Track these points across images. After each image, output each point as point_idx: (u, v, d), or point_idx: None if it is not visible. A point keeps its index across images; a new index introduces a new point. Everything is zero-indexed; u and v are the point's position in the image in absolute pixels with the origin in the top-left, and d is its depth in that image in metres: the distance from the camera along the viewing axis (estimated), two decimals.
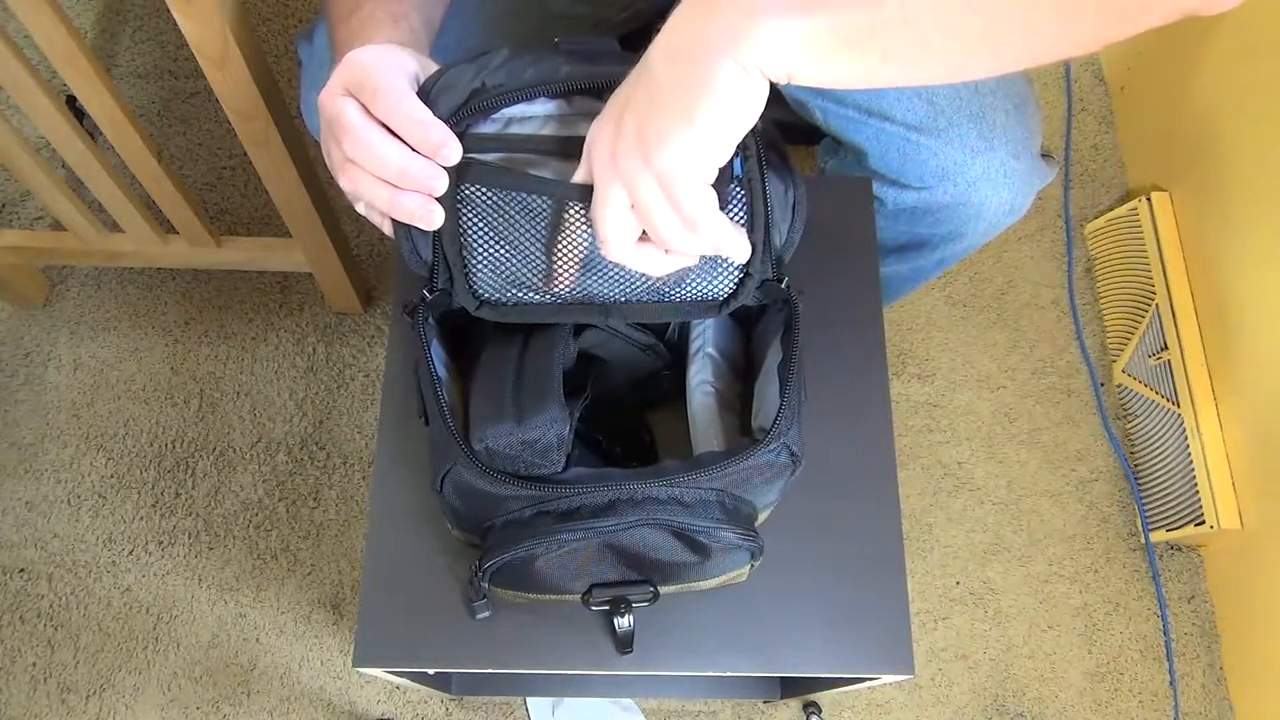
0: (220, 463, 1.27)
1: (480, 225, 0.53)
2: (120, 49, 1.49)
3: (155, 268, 1.36)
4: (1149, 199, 1.31)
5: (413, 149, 0.50)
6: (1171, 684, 1.21)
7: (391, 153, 0.49)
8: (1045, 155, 0.84)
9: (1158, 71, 1.38)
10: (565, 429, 0.56)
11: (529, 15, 0.82)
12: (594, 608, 0.61)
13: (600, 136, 0.46)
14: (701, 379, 0.67)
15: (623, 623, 0.61)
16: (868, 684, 0.77)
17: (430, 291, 0.55)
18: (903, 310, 1.38)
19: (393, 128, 0.49)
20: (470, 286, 0.55)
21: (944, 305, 1.39)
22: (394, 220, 0.53)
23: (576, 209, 0.51)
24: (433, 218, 0.51)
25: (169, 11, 0.75)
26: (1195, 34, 1.27)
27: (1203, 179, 1.25)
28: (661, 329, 0.71)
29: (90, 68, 0.86)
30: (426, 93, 0.51)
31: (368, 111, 0.50)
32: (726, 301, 0.55)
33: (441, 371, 0.58)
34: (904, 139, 0.79)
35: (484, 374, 0.60)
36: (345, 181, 0.52)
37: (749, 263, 0.54)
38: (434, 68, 0.54)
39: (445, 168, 0.50)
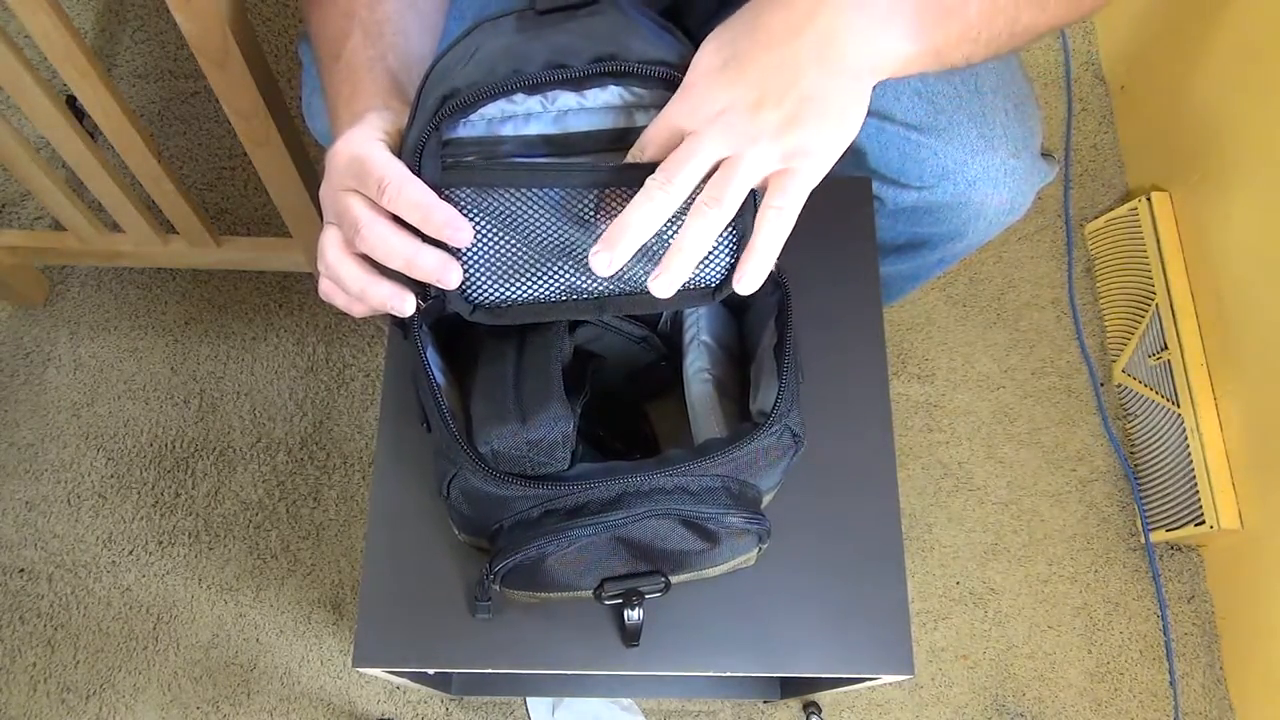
0: (220, 463, 1.27)
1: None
2: (120, 49, 1.49)
3: (155, 268, 1.36)
4: (1149, 199, 1.31)
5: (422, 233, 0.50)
6: (1171, 684, 1.21)
7: (398, 245, 0.50)
8: (1045, 154, 0.84)
9: (1158, 71, 1.38)
10: (569, 426, 0.56)
11: None
12: (606, 602, 0.61)
13: (717, 103, 0.47)
14: (699, 367, 0.67)
15: (633, 615, 0.61)
16: (868, 684, 0.77)
17: (423, 300, 0.55)
18: (903, 310, 1.38)
19: (398, 214, 0.50)
20: (463, 292, 0.55)
21: (944, 305, 1.39)
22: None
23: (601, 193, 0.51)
24: (405, 306, 0.53)
25: (169, 11, 0.75)
26: (1195, 34, 1.27)
27: (1203, 179, 1.25)
28: (654, 320, 0.71)
29: (90, 68, 0.86)
30: (414, 108, 0.52)
31: (373, 203, 0.50)
32: (720, 288, 0.54)
33: (440, 378, 0.58)
34: (904, 138, 0.78)
35: (483, 376, 0.60)
36: (321, 265, 0.53)
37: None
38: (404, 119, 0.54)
39: (424, 173, 0.50)
